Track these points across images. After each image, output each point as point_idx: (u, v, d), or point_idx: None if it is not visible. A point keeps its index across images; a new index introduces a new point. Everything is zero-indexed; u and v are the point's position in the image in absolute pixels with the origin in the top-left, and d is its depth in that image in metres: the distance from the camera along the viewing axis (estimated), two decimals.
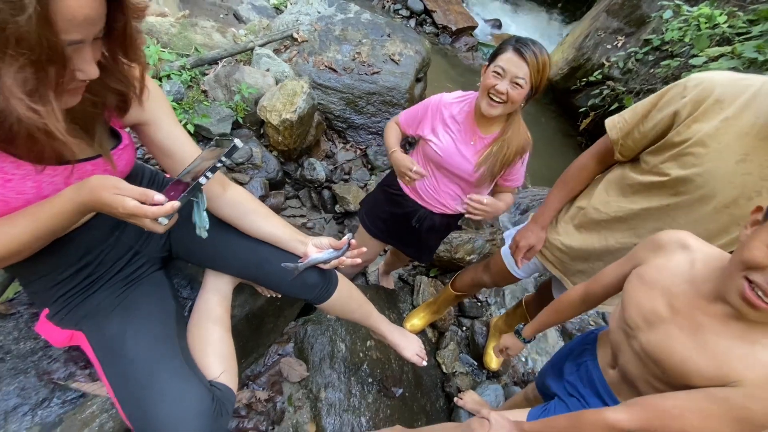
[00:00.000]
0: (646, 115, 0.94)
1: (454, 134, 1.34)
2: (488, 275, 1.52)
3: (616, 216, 1.03)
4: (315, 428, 1.30)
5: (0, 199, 0.60)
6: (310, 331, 1.47)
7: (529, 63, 1.11)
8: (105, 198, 0.58)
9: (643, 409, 0.69)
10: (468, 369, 1.96)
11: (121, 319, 0.77)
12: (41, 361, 0.82)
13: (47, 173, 0.62)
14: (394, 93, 2.98)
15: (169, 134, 0.77)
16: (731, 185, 0.82)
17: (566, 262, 1.20)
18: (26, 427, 0.74)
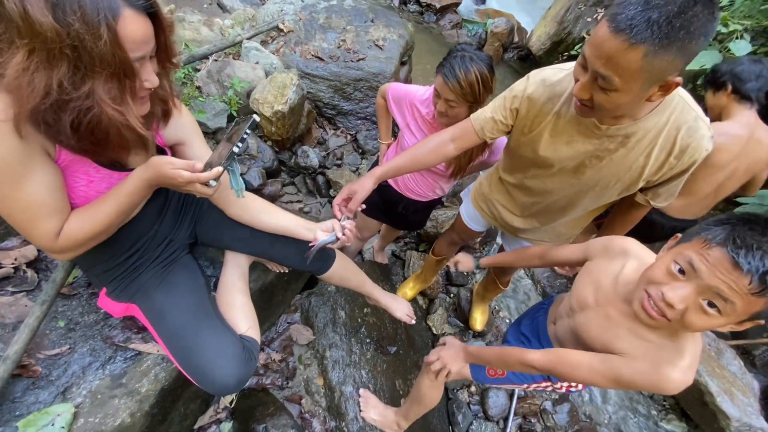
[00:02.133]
0: (502, 107, 1.07)
1: (423, 133, 1.47)
2: (455, 234, 1.75)
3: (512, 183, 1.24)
4: (323, 381, 1.53)
5: (83, 195, 0.78)
6: (314, 301, 1.69)
7: (452, 89, 1.18)
8: (166, 172, 0.72)
9: (554, 357, 0.90)
10: (456, 330, 2.21)
11: (165, 292, 0.97)
12: (103, 329, 1.03)
13: (116, 177, 0.81)
14: (380, 78, 3.08)
15: (195, 154, 0.94)
16: (570, 159, 1.01)
17: (496, 214, 1.40)
18: (100, 377, 0.95)
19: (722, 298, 0.62)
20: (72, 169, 0.74)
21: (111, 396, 0.94)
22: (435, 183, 1.63)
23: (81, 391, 0.92)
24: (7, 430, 0.82)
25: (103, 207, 0.76)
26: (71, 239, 0.74)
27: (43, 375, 0.91)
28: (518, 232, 1.39)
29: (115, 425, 0.91)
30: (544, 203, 1.19)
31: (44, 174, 0.69)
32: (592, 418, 2.15)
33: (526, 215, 1.30)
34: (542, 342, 1.11)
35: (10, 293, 0.99)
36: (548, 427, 2.00)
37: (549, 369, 0.89)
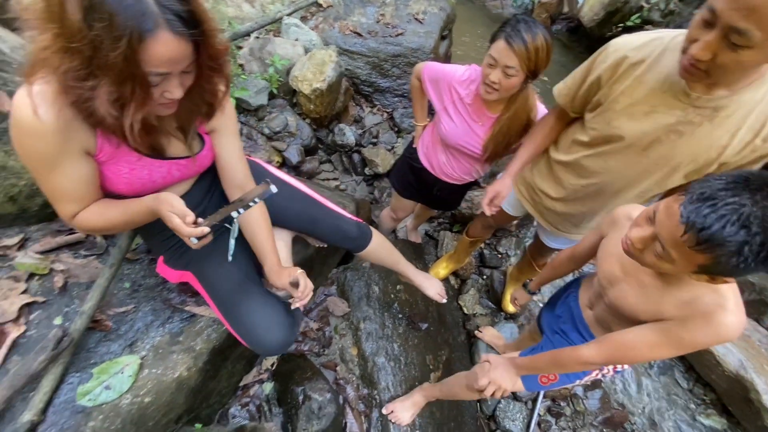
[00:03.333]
0: (582, 81, 1.04)
1: (462, 116, 1.41)
2: (491, 217, 1.72)
3: (565, 161, 1.19)
4: (357, 351, 1.61)
5: (126, 181, 0.85)
6: (349, 276, 1.75)
7: (516, 53, 1.11)
8: (162, 211, 0.79)
9: (609, 346, 0.89)
10: (487, 311, 2.21)
11: (216, 262, 1.04)
12: (162, 292, 1.13)
13: (155, 165, 0.87)
14: (419, 54, 3.02)
15: (226, 144, 0.96)
16: (644, 134, 0.95)
17: (537, 200, 1.37)
18: (160, 334, 1.06)
19: (662, 245, 0.68)
20: (115, 160, 0.81)
21: (170, 351, 1.04)
22: (471, 167, 1.61)
23: (145, 345, 1.03)
24: (84, 376, 0.94)
25: (113, 212, 0.84)
26: (82, 224, 0.84)
27: (112, 329, 1.02)
28: (557, 222, 1.35)
29: (174, 377, 1.01)
30: (597, 185, 1.14)
31: (73, 169, 0.77)
32: (624, 406, 2.12)
33: (572, 199, 1.24)
34: (581, 331, 1.10)
35: (83, 256, 1.11)
36: (578, 412, 2.00)
37: (608, 360, 0.89)
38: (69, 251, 1.10)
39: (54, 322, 0.98)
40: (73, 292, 1.04)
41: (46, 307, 0.99)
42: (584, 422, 1.99)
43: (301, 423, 1.34)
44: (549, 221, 1.38)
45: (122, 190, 0.85)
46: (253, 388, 1.45)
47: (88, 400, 0.90)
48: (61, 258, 1.07)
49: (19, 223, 1.13)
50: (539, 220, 1.42)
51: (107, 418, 0.90)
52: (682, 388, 2.25)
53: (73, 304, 1.02)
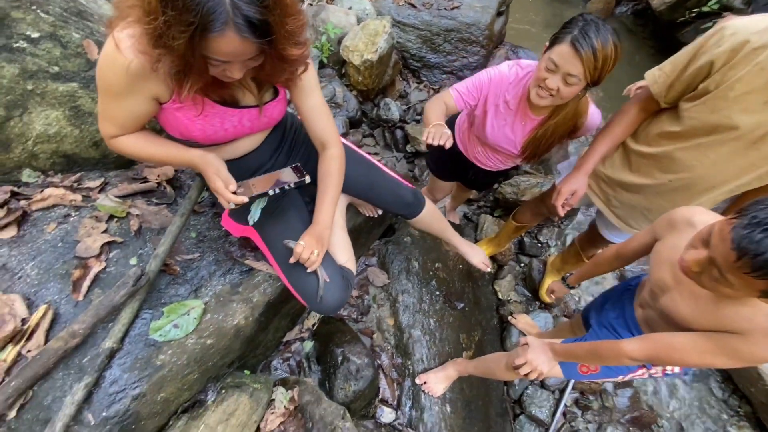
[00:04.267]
0: (686, 66, 0.96)
1: (503, 119, 1.32)
2: (545, 206, 1.67)
3: (651, 154, 1.11)
4: (393, 321, 1.65)
5: (200, 128, 0.88)
6: (390, 249, 1.78)
7: (584, 61, 1.00)
8: (209, 173, 0.86)
9: (653, 343, 0.87)
10: (522, 298, 2.20)
11: (278, 219, 1.08)
12: (225, 244, 1.19)
13: (228, 114, 0.89)
14: (473, 29, 2.91)
15: (306, 102, 0.98)
16: (758, 124, 0.88)
17: (609, 193, 1.30)
18: (222, 283, 1.13)
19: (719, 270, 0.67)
20: (190, 105, 0.84)
21: (230, 300, 1.10)
22: (506, 161, 1.56)
23: (208, 292, 1.10)
24: (156, 313, 1.01)
25: (154, 148, 0.89)
26: (119, 147, 0.89)
27: (180, 274, 1.09)
28: (628, 217, 1.29)
29: (233, 324, 1.08)
30: (687, 180, 1.07)
31: (133, 106, 0.81)
32: (653, 408, 2.08)
33: (654, 193, 1.17)
34: (632, 330, 1.07)
35: (155, 204, 1.18)
36: (606, 407, 1.99)
37: (649, 358, 0.87)
38: (143, 198, 1.18)
39: (130, 262, 1.05)
40: (146, 236, 1.11)
41: (123, 248, 1.07)
42: (611, 418, 1.98)
43: (338, 382, 1.40)
44: (619, 216, 1.32)
45: (197, 137, 0.89)
46: (294, 345, 1.52)
47: (159, 335, 0.98)
48: (136, 204, 1.14)
49: (101, 167, 1.21)
50: (607, 214, 1.35)
51: (175, 353, 0.98)
52: (716, 397, 2.18)
53: (146, 248, 1.09)
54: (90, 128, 1.15)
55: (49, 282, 0.97)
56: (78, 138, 1.14)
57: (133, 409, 0.91)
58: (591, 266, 1.23)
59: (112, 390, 0.90)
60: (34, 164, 1.12)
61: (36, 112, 1.07)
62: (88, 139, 1.15)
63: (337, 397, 1.38)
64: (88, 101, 1.13)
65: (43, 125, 1.08)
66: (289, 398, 1.20)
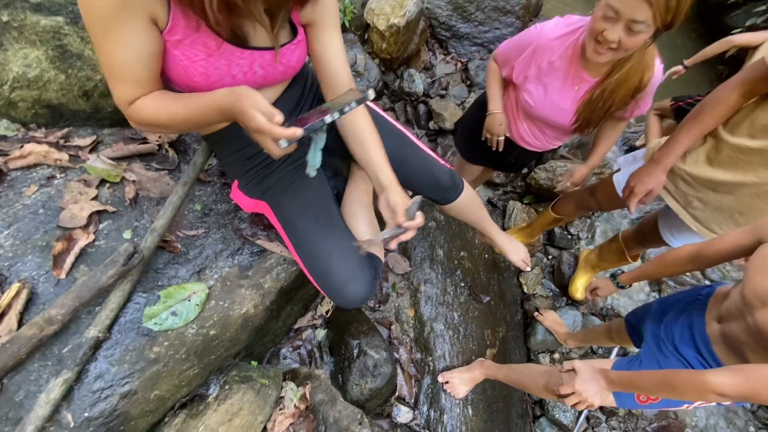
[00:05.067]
0: None
1: (550, 85, 1.15)
2: (594, 200, 1.49)
3: (760, 149, 0.92)
4: (414, 313, 1.50)
5: (202, 71, 0.70)
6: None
7: (652, 3, 0.84)
8: (245, 107, 0.62)
9: (750, 378, 0.70)
10: (548, 293, 2.04)
11: (295, 195, 0.92)
12: (234, 220, 1.03)
13: (236, 55, 0.72)
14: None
15: (323, 41, 0.79)
16: None
17: (689, 194, 1.11)
18: (229, 265, 0.97)
19: None
20: (190, 39, 0.67)
21: (239, 285, 0.95)
22: (556, 137, 1.38)
23: (213, 274, 0.95)
24: (151, 297, 0.87)
25: (176, 102, 0.71)
26: (139, 114, 0.71)
27: (182, 252, 0.94)
28: (710, 220, 1.10)
29: (241, 313, 0.93)
30: None
31: (134, 40, 0.64)
32: (678, 415, 1.96)
33: (752, 195, 0.98)
34: (700, 348, 0.91)
35: (155, 169, 1.01)
36: (632, 414, 1.86)
37: (745, 396, 0.70)
38: (141, 162, 1.01)
39: (123, 236, 0.90)
40: (143, 206, 0.95)
41: (116, 219, 0.91)
42: (636, 426, 1.85)
43: (353, 377, 1.27)
44: (699, 219, 1.13)
45: (198, 82, 0.72)
46: (305, 332, 1.38)
47: (154, 323, 0.83)
48: (133, 168, 0.98)
49: (92, 123, 1.04)
50: (684, 217, 1.16)
51: (172, 345, 0.84)
52: (745, 408, 2.06)
53: (143, 219, 0.93)
54: (79, 74, 0.97)
55: (26, 255, 0.82)
56: (64, 85, 0.96)
57: (122, 408, 0.77)
58: (656, 266, 1.05)
59: (96, 386, 0.76)
60: (13, 114, 0.95)
61: (12, 50, 0.89)
62: (77, 87, 0.97)
63: (352, 394, 1.25)
64: (77, 41, 0.95)
65: (22, 66, 0.91)
66: (300, 396, 1.07)
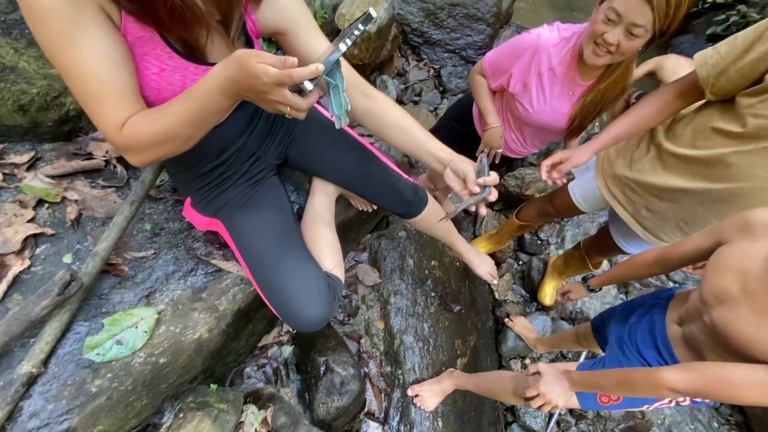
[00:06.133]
0: (748, 48, 0.79)
1: (549, 90, 1.16)
2: (553, 207, 1.52)
3: (697, 157, 0.94)
4: (384, 325, 1.48)
5: (154, 86, 0.66)
6: (383, 244, 1.60)
7: (655, 6, 0.85)
8: (251, 67, 0.54)
9: (702, 375, 0.73)
10: (519, 299, 2.06)
11: (251, 213, 0.89)
12: (187, 239, 0.99)
13: (190, 70, 0.68)
14: (480, 5, 2.70)
15: (306, 43, 0.77)
16: None
17: (637, 202, 1.13)
18: (182, 288, 0.93)
19: None
20: (142, 50, 0.63)
21: (191, 308, 0.91)
22: (535, 146, 1.40)
23: (163, 298, 0.90)
24: (93, 326, 0.82)
25: (171, 106, 0.62)
26: (136, 136, 0.62)
27: (129, 276, 0.89)
28: (657, 229, 1.13)
29: (194, 338, 0.89)
30: (742, 190, 0.90)
31: (102, 40, 0.56)
32: (644, 415, 2.02)
33: (695, 202, 1.00)
34: (660, 350, 0.93)
35: (101, 187, 0.96)
36: (600, 416, 1.90)
37: (697, 392, 0.72)
38: (85, 179, 0.95)
39: (63, 260, 0.85)
40: (87, 227, 0.90)
41: (56, 242, 0.86)
42: (605, 428, 1.89)
43: (320, 395, 1.24)
44: (647, 227, 1.15)
45: (147, 96, 0.67)
46: (271, 350, 1.34)
47: (96, 354, 0.78)
48: (75, 186, 0.92)
49: (31, 139, 0.98)
50: (633, 226, 1.18)
51: (116, 377, 0.79)
52: (708, 405, 2.13)
53: (86, 242, 0.88)
54: (12, 87, 0.90)
55: None
56: None
57: None
58: (623, 269, 1.07)
59: (31, 425, 0.71)
60: None
61: None
62: (11, 101, 0.90)
63: (318, 413, 1.22)
64: (9, 53, 0.88)
65: None
66: (261, 420, 1.03)
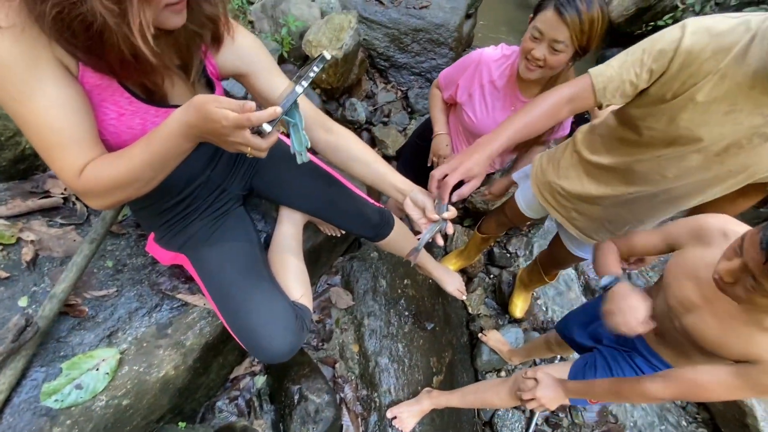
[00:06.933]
0: (637, 64, 0.84)
1: (491, 102, 1.26)
2: (506, 217, 1.61)
3: (609, 166, 1.03)
4: (358, 348, 1.49)
5: (113, 131, 0.67)
6: (356, 266, 1.62)
7: (569, 25, 0.96)
8: (210, 112, 0.55)
9: (679, 382, 0.82)
10: (492, 312, 2.11)
11: (216, 246, 0.89)
12: (151, 274, 0.98)
13: (150, 113, 0.69)
14: (442, 30, 2.83)
15: (267, 85, 0.79)
16: (721, 136, 0.81)
17: (567, 206, 1.22)
18: (146, 325, 0.91)
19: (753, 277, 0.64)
20: (100, 97, 0.63)
21: (156, 346, 0.90)
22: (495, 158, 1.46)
23: (126, 337, 0.88)
24: (51, 371, 0.79)
25: (132, 150, 0.63)
26: (95, 181, 0.62)
27: (89, 316, 0.87)
28: (589, 229, 1.21)
29: (159, 376, 0.87)
30: (650, 193, 0.98)
31: (58, 89, 0.57)
32: (618, 418, 2.08)
33: (614, 204, 1.09)
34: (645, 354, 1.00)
35: (59, 225, 0.94)
36: (576, 424, 1.94)
37: (675, 397, 0.82)
38: (42, 218, 0.94)
39: (18, 303, 0.82)
40: (44, 268, 0.87)
41: (10, 285, 0.83)
42: None
43: (295, 425, 1.22)
44: (580, 228, 1.24)
45: (107, 140, 0.68)
46: (243, 381, 1.32)
47: (54, 401, 0.76)
48: (32, 226, 0.90)
49: None
50: (567, 227, 1.28)
51: (76, 423, 0.76)
52: (675, 404, 2.22)
53: (43, 283, 0.86)
54: None
55: None
56: None
57: None
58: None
59: None
60: None
61: None
62: None
63: None
64: None
65: None
66: None
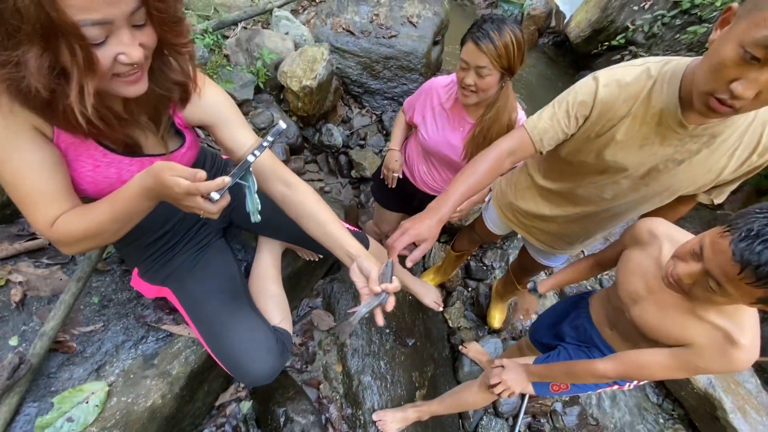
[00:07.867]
0: (565, 115, 0.96)
1: (441, 122, 1.39)
2: (476, 234, 1.72)
3: (556, 190, 1.17)
4: (342, 368, 1.54)
5: (90, 181, 0.73)
6: (336, 288, 1.68)
7: (487, 53, 1.10)
8: (164, 180, 0.59)
9: (623, 363, 0.95)
10: (471, 324, 2.19)
11: (198, 278, 0.95)
12: (136, 307, 1.02)
13: (125, 163, 0.75)
14: (411, 58, 2.98)
15: (231, 137, 0.82)
16: (641, 164, 0.94)
17: (527, 223, 1.35)
18: (132, 357, 0.96)
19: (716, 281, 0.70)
20: (76, 152, 0.68)
21: (143, 376, 0.94)
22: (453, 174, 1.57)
23: (114, 369, 0.92)
24: (43, 405, 0.83)
25: (98, 206, 0.68)
26: (66, 232, 0.67)
27: (77, 351, 0.91)
28: (550, 242, 1.33)
29: (146, 406, 0.92)
30: (594, 212, 1.13)
31: (34, 154, 0.62)
32: (598, 421, 2.15)
33: (566, 222, 1.22)
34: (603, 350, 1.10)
35: (45, 265, 0.99)
36: (557, 428, 2.01)
37: (621, 376, 0.93)
38: (29, 259, 0.98)
39: (9, 343, 0.86)
40: (32, 308, 0.92)
41: (1, 325, 0.87)
42: None
43: None
44: (541, 241, 1.37)
45: (86, 189, 0.74)
46: (229, 407, 1.35)
47: None
48: (19, 267, 0.95)
49: None
50: (531, 240, 1.40)
51: None
52: (652, 402, 2.31)
53: (32, 322, 0.90)
54: None
55: None
56: None
57: None
58: (571, 273, 1.26)
59: None
60: None
61: None
62: None
63: None
64: None
65: None
66: None
